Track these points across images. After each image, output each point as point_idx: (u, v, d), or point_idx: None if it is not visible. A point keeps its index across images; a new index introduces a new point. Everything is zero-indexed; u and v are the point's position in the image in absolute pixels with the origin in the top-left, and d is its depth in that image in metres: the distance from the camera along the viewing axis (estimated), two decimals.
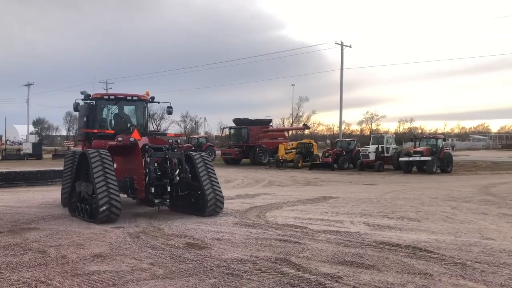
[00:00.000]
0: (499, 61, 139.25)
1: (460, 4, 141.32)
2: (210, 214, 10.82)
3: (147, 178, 10.33)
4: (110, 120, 12.82)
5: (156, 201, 10.52)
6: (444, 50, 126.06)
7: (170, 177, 10.49)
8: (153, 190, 10.32)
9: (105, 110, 12.68)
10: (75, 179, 11.37)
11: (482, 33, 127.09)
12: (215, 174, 11.23)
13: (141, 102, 12.69)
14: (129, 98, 12.57)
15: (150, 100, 12.83)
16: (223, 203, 11.11)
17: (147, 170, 10.36)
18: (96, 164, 10.06)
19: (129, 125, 12.75)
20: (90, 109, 12.25)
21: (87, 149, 11.19)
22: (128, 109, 13.05)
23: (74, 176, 11.53)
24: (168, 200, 10.71)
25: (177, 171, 10.59)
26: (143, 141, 11.13)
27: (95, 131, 12.12)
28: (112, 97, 12.70)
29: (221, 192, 11.06)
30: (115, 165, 10.99)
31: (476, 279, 5.90)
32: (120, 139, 10.98)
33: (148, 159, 10.48)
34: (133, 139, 10.92)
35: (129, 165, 11.26)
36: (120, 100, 12.60)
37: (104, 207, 9.66)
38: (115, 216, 9.93)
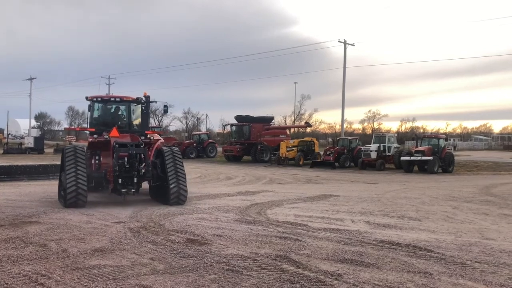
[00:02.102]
0: (502, 62, 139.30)
1: (463, 3, 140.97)
2: (173, 204, 11.98)
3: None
4: (102, 119, 14.06)
5: (123, 190, 11.76)
6: (447, 49, 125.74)
7: (137, 170, 11.75)
8: (120, 181, 11.65)
9: (97, 110, 14.11)
10: (61, 170, 12.68)
11: (486, 33, 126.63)
12: (182, 168, 12.26)
13: (125, 102, 14.06)
14: (112, 99, 14.15)
15: (137, 100, 13.99)
16: (185, 195, 12.19)
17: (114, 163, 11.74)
18: (69, 156, 11.68)
19: (120, 123, 14.05)
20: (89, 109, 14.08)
21: (66, 145, 12.63)
22: (114, 109, 14.36)
23: (60, 168, 12.95)
24: (133, 190, 11.88)
25: (143, 164, 11.88)
26: (120, 138, 12.48)
27: (77, 129, 14.16)
28: (99, 99, 14.10)
29: (185, 184, 12.15)
30: (101, 159, 12.87)
31: (475, 278, 5.91)
32: (95, 136, 12.90)
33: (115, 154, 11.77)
34: (106, 136, 12.46)
35: (107, 159, 12.66)
36: (107, 101, 14.10)
37: (71, 194, 11.25)
38: (82, 202, 11.39)
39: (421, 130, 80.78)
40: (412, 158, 27.63)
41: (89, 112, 13.99)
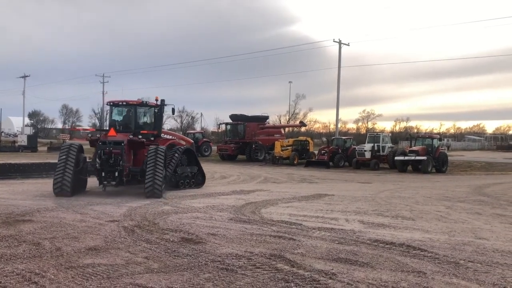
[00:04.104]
0: (496, 62, 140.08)
1: (458, 4, 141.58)
2: (148, 197, 13.11)
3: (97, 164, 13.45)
4: (116, 120, 15.79)
5: (104, 182, 13.48)
6: (441, 50, 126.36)
7: (118, 165, 13.27)
8: (103, 174, 13.35)
9: (112, 113, 15.88)
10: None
11: (479, 34, 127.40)
12: (161, 165, 13.45)
13: (132, 106, 15.64)
14: (120, 103, 15.81)
15: (142, 103, 15.76)
16: (160, 189, 13.26)
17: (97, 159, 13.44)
18: (62, 152, 13.49)
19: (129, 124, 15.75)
20: None
21: (63, 143, 15.61)
22: (124, 112, 15.93)
23: None
24: (113, 183, 13.45)
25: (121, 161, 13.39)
26: (119, 137, 13.92)
27: (80, 129, 16.69)
28: (112, 103, 15.88)
29: (160, 180, 13.27)
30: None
31: (469, 278, 5.94)
32: (89, 135, 14.86)
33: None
34: (98, 135, 14.12)
35: None
36: (117, 105, 15.78)
37: (57, 182, 13.01)
38: (66, 191, 12.97)
39: (415, 130, 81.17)
40: (406, 158, 27.76)
41: (107, 115, 16.09)
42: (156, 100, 15.84)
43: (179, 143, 17.46)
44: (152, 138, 15.66)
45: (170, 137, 18.00)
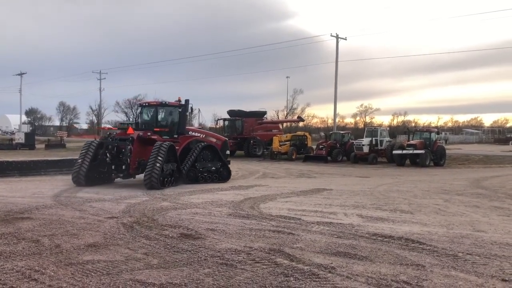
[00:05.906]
0: (493, 55, 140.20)
1: None
2: (147, 187, 14.26)
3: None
4: (144, 120, 17.47)
5: (112, 174, 15.68)
6: (438, 43, 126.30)
7: (126, 159, 15.00)
8: (113, 167, 15.29)
9: (141, 113, 17.88)
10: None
11: (476, 27, 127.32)
12: (161, 160, 14.51)
13: (152, 106, 17.40)
14: (143, 104, 17.98)
15: (161, 103, 17.41)
16: (156, 181, 14.26)
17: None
18: (83, 147, 15.68)
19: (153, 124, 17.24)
20: None
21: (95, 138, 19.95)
22: (149, 111, 17.44)
23: None
24: (121, 175, 15.50)
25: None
26: (132, 134, 15.63)
27: (106, 128, 18.59)
28: (139, 104, 18.32)
29: (157, 173, 14.28)
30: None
31: (467, 270, 5.97)
32: (108, 133, 17.19)
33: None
34: (114, 133, 16.36)
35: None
36: (143, 106, 17.87)
37: (74, 171, 15.12)
38: (81, 181, 14.86)
39: (413, 124, 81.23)
40: (404, 151, 27.78)
41: (139, 115, 18.03)
42: (179, 100, 17.08)
43: (208, 140, 18.23)
44: (176, 136, 16.89)
45: (198, 134, 18.70)
